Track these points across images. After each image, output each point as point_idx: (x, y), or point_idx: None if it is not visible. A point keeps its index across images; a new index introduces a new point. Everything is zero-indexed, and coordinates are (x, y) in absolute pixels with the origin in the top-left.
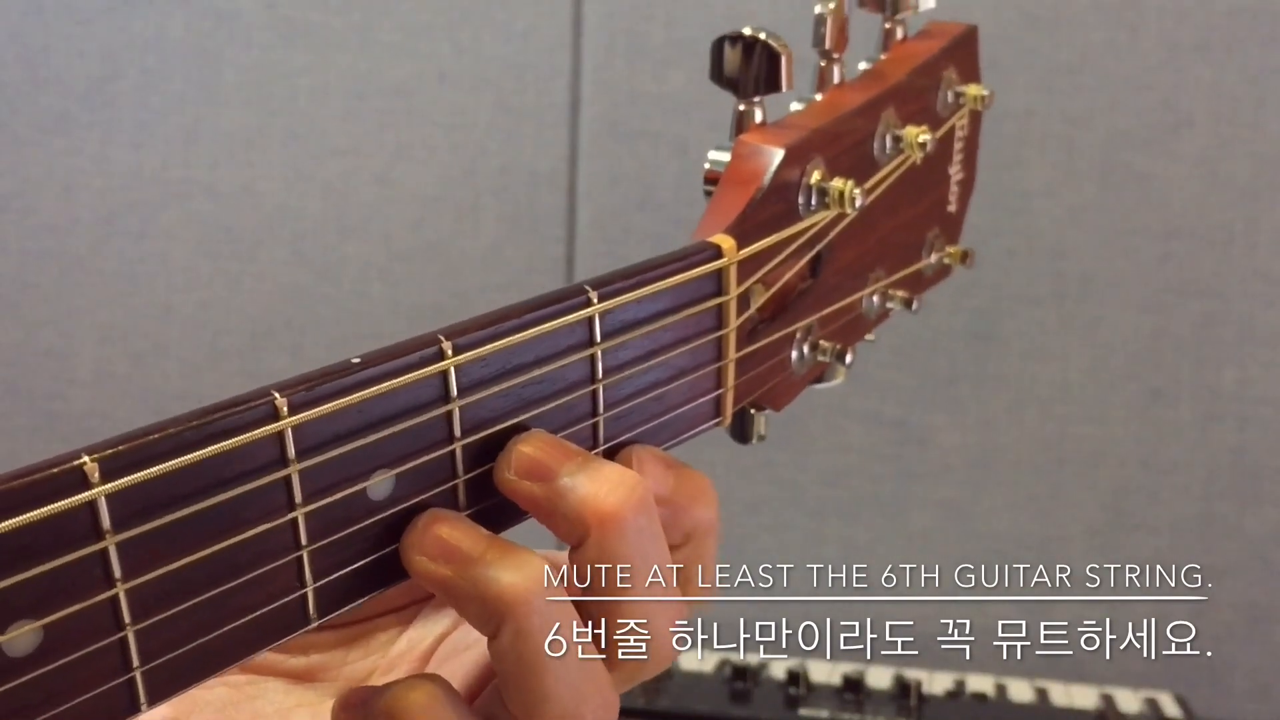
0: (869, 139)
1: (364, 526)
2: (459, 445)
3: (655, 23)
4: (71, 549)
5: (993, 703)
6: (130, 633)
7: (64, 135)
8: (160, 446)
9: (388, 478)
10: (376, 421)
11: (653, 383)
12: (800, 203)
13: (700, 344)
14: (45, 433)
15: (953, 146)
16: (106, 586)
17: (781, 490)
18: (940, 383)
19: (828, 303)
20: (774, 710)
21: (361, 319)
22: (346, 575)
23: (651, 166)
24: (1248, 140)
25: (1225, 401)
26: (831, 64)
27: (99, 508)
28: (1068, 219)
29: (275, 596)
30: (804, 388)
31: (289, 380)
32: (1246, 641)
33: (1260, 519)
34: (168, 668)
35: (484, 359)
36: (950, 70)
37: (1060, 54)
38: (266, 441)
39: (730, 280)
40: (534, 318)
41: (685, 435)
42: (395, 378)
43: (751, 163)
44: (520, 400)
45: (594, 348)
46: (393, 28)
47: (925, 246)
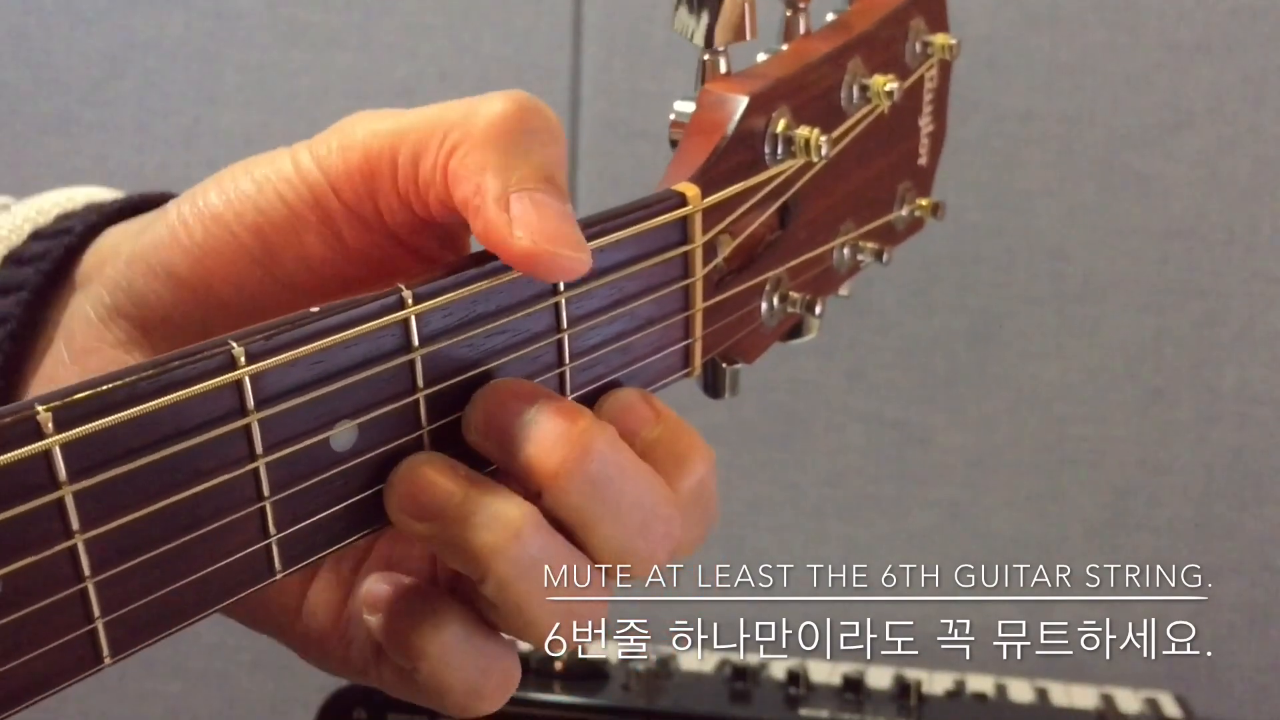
0: (835, 88)
1: (328, 477)
2: (422, 395)
3: (655, 23)
4: (27, 499)
5: (993, 703)
6: (90, 584)
7: (64, 135)
8: (115, 395)
9: (350, 428)
10: (337, 371)
11: (619, 332)
12: (766, 152)
13: (666, 293)
14: None
15: (922, 98)
16: (65, 537)
17: (781, 490)
18: (940, 383)
19: (797, 254)
20: (774, 710)
21: None
22: (311, 526)
23: (651, 166)
24: (1248, 140)
25: (1225, 401)
26: (798, 14)
27: (54, 457)
28: (1068, 219)
29: (239, 548)
30: (775, 340)
31: (246, 329)
32: (1246, 641)
33: (1260, 519)
34: (130, 619)
35: (445, 308)
36: (918, 20)
37: (1060, 54)
38: (225, 391)
39: (695, 229)
40: (496, 265)
41: (654, 386)
42: (355, 326)
43: (716, 112)
44: (484, 350)
45: (558, 296)
46: (393, 28)
47: (896, 199)
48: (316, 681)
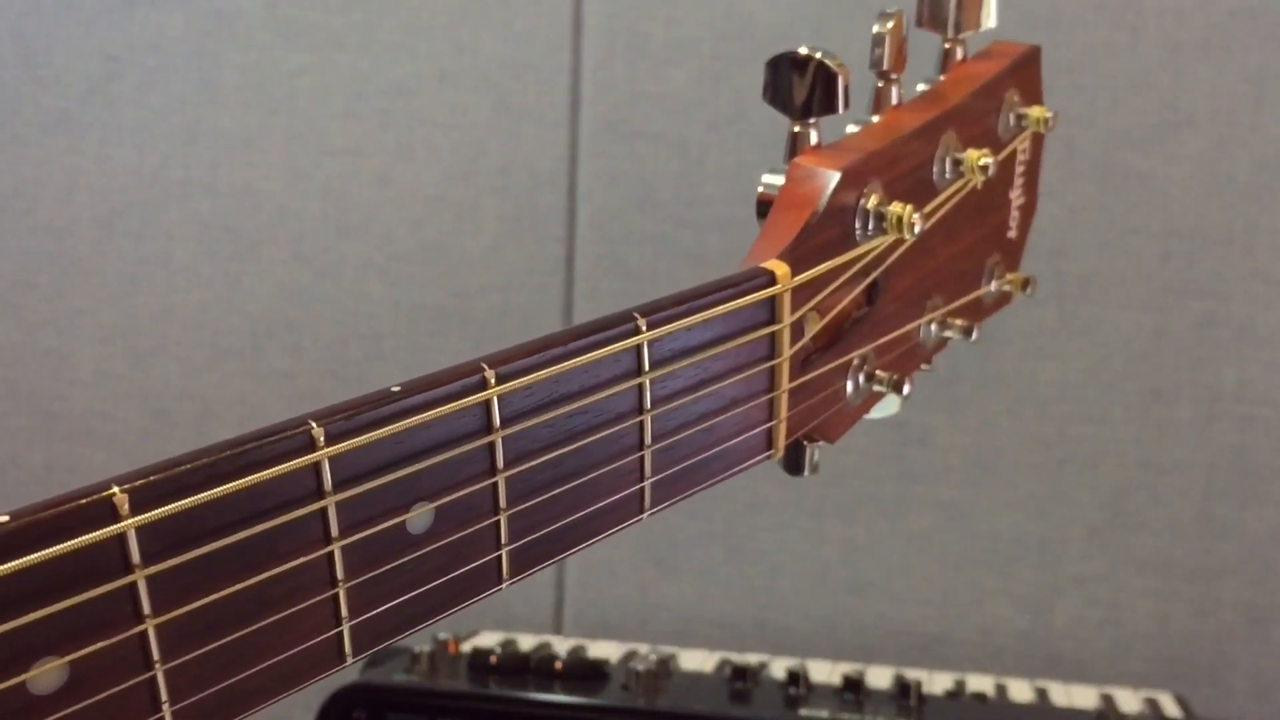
0: (928, 163)
1: (403, 562)
2: (502, 477)
3: (655, 23)
4: (99, 583)
5: (993, 703)
6: (160, 671)
7: (64, 135)
8: (193, 478)
9: (427, 510)
10: (416, 452)
11: (702, 414)
12: (857, 228)
13: (752, 374)
14: (45, 433)
15: (1014, 170)
16: (135, 622)
17: (781, 490)
18: (940, 383)
19: (884, 331)
20: (774, 710)
21: (361, 319)
22: (384, 612)
23: (651, 166)
24: (1248, 140)
25: (1225, 401)
26: (889, 85)
27: (128, 541)
28: (1068, 219)
29: (310, 634)
30: (859, 418)
31: (326, 409)
32: (1246, 641)
33: (1260, 519)
34: (198, 707)
35: (528, 388)
36: (1013, 92)
37: (1060, 54)
38: (303, 472)
39: (784, 307)
40: (580, 345)
41: (736, 469)
42: (436, 407)
43: (806, 186)
44: (565, 431)
45: (642, 377)
46: (393, 28)
47: (985, 273)
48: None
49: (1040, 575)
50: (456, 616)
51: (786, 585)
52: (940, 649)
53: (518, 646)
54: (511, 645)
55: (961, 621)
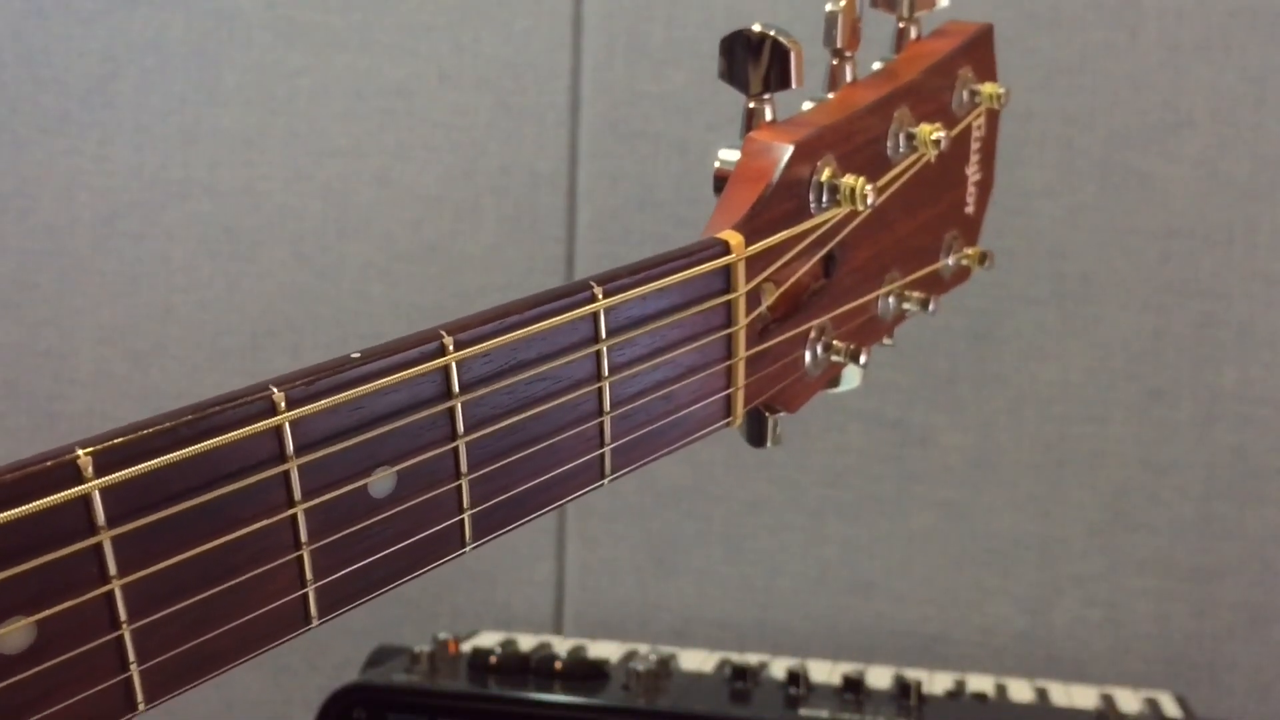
0: (882, 137)
1: (366, 525)
2: (463, 442)
3: (655, 23)
4: (65, 544)
5: (993, 703)
6: (127, 630)
7: (64, 135)
8: (156, 441)
9: (389, 475)
10: (377, 417)
11: (660, 381)
12: (811, 200)
13: (709, 341)
14: (45, 433)
15: (969, 147)
16: (101, 583)
17: (781, 490)
18: (940, 383)
19: (841, 302)
20: (774, 710)
21: (361, 319)
22: (349, 575)
23: (651, 166)
24: (1248, 140)
25: (1225, 401)
26: (844, 62)
27: (93, 502)
28: (1068, 219)
29: (275, 595)
30: (818, 389)
31: (287, 375)
32: (1246, 641)
33: (1260, 519)
34: (166, 666)
35: (487, 354)
36: (966, 69)
37: (1060, 54)
38: (264, 437)
39: (739, 277)
40: (538, 313)
41: (695, 435)
42: (396, 373)
43: (761, 159)
44: (525, 397)
45: (599, 344)
46: (393, 28)
47: (943, 248)
48: (316, 682)
49: (1040, 575)
50: (457, 617)
51: (786, 585)
52: (940, 649)
53: (518, 646)
54: (511, 645)
55: (961, 621)
